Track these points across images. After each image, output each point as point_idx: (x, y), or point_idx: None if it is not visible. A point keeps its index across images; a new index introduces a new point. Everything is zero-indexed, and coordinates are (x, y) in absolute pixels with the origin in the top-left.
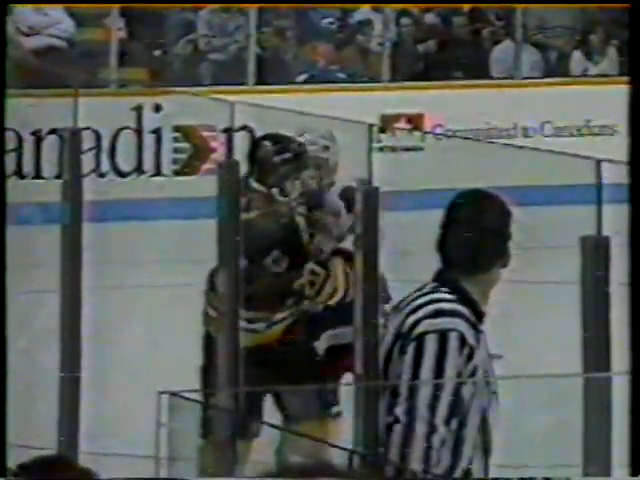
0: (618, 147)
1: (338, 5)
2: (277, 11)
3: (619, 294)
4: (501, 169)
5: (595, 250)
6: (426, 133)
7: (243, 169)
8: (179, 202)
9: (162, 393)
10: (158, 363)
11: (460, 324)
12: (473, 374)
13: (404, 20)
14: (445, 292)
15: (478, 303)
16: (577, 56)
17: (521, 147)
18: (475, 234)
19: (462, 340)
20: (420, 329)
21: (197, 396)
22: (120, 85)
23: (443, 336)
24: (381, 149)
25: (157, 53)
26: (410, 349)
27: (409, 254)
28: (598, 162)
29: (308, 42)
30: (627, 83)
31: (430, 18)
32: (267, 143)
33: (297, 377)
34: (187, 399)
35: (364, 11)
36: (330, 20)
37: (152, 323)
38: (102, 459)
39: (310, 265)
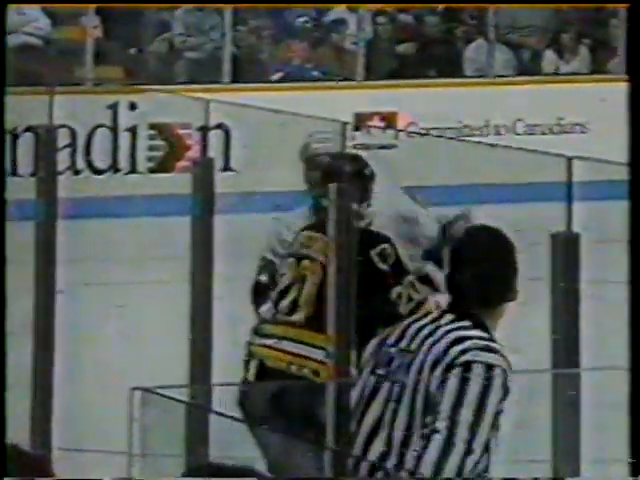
0: (590, 145)
1: (313, 4)
2: (252, 10)
3: (588, 291)
4: (474, 167)
5: (565, 247)
6: (400, 131)
7: (219, 165)
8: (155, 199)
9: (135, 389)
10: (135, 359)
11: (504, 364)
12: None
13: (378, 19)
14: (474, 327)
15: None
16: (549, 55)
17: (493, 145)
18: (486, 271)
19: (505, 379)
20: (467, 358)
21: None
22: (96, 83)
23: (490, 369)
24: (355, 147)
25: (133, 51)
26: (456, 373)
27: None
28: (569, 160)
29: (283, 41)
30: (627, 81)
31: (404, 17)
32: (346, 163)
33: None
34: (160, 395)
35: (339, 10)
36: (305, 19)
37: (128, 319)
38: (75, 455)
39: (411, 277)
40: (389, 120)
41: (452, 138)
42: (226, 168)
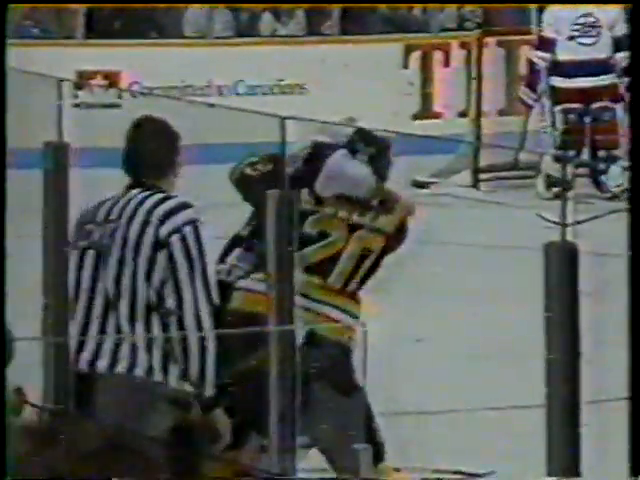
0: (308, 105)
1: None
2: None
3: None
4: (196, 127)
5: (280, 207)
6: (123, 91)
7: None
8: None
9: None
10: None
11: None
12: None
13: None
14: (155, 192)
15: None
16: (266, 17)
17: (212, 105)
18: (152, 148)
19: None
20: (169, 228)
21: None
22: None
23: (194, 224)
24: (77, 105)
25: None
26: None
27: None
28: (282, 119)
29: None
30: (628, 79)
31: None
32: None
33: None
34: None
35: None
36: None
37: None
38: None
39: None
40: (112, 79)
41: (175, 98)
42: None
